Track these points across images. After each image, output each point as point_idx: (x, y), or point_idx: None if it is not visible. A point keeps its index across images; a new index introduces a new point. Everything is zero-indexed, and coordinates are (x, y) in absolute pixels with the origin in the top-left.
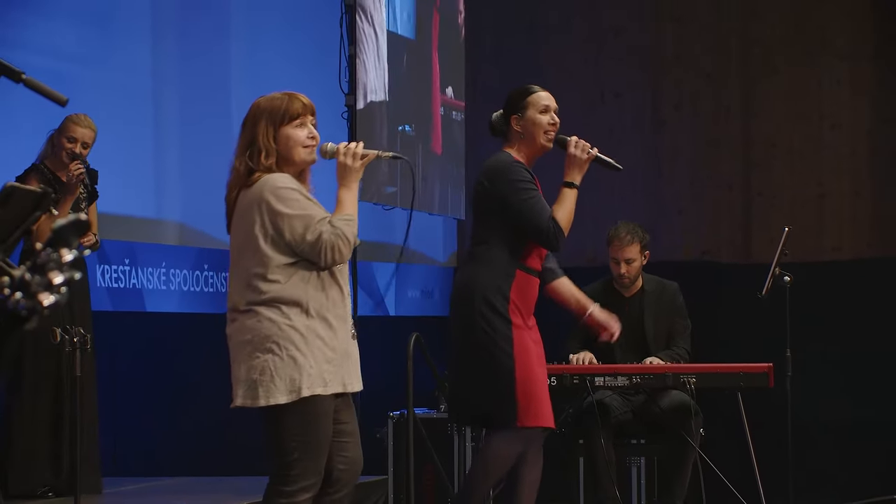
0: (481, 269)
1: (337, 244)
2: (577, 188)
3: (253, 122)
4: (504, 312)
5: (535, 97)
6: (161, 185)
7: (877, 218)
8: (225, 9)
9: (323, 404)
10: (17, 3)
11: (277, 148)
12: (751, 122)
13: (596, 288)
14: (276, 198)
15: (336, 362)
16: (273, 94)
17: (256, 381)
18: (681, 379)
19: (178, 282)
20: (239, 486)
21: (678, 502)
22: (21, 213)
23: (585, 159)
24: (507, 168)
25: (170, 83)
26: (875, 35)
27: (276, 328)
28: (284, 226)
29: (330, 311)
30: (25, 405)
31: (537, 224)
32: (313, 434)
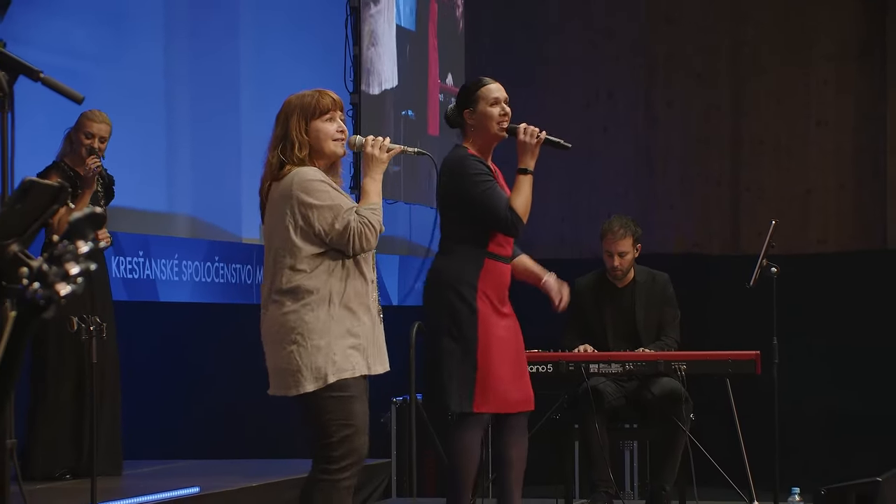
0: (449, 260)
1: (364, 232)
2: (532, 173)
3: (285, 117)
4: (471, 301)
5: (486, 90)
6: (173, 179)
7: (860, 212)
8: (234, 9)
9: (352, 387)
10: (34, 4)
11: (309, 141)
12: (740, 120)
13: (589, 279)
14: (305, 190)
15: (361, 348)
16: (304, 91)
17: (285, 371)
18: (672, 366)
19: (190, 273)
20: (251, 468)
21: (669, 484)
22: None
23: (535, 143)
24: (462, 163)
25: (181, 81)
26: (859, 37)
27: (299, 320)
28: (314, 217)
29: (353, 301)
30: (49, 391)
31: (495, 213)
32: (351, 416)
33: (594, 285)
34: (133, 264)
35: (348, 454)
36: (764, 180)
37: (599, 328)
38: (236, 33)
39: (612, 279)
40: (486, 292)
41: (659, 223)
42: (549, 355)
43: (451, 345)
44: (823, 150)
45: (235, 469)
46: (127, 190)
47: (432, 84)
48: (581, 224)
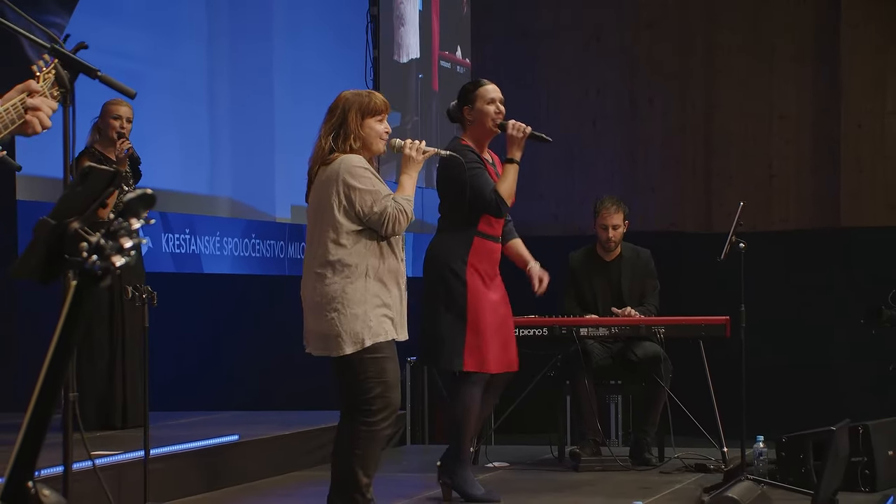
0: (444, 238)
1: (398, 217)
2: (518, 163)
3: (343, 110)
4: (462, 275)
5: (483, 90)
6: (215, 166)
7: (817, 195)
8: (268, 14)
9: (386, 349)
10: (94, 11)
11: (362, 137)
12: (711, 114)
13: (581, 253)
14: (351, 174)
15: (391, 316)
16: (358, 90)
17: (327, 336)
18: (652, 330)
19: (230, 248)
20: (284, 418)
21: (650, 434)
22: (97, 189)
23: (521, 137)
24: (459, 152)
25: (222, 80)
26: (816, 41)
27: (339, 290)
28: (356, 198)
29: (386, 275)
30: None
31: (482, 195)
32: (384, 373)
33: (585, 258)
34: (180, 240)
35: (384, 407)
36: (732, 167)
37: (590, 295)
38: (270, 36)
39: (601, 253)
40: (476, 267)
41: (641, 205)
42: (545, 320)
43: (444, 313)
44: (785, 141)
45: (270, 419)
46: (175, 175)
47: (435, 52)
48: (573, 205)
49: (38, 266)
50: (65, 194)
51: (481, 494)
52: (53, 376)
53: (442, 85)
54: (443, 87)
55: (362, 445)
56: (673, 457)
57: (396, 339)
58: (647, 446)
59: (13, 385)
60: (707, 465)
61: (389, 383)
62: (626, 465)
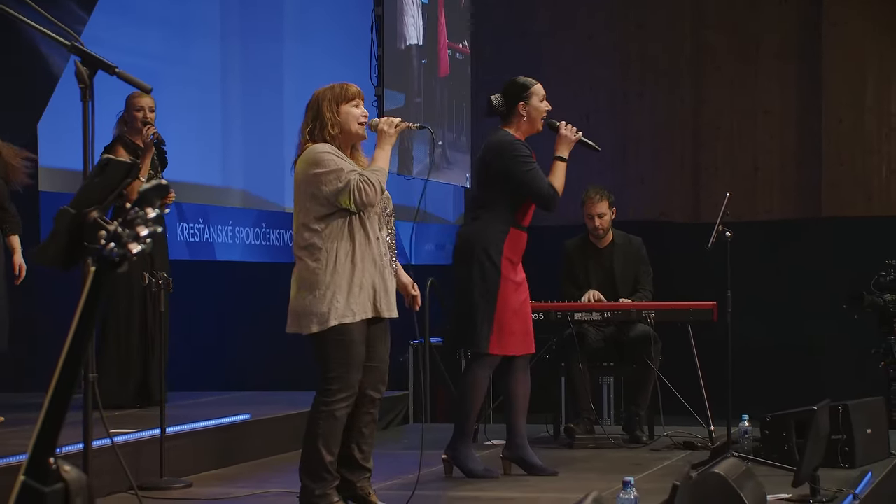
0: (483, 226)
1: (363, 187)
2: (567, 161)
3: (317, 103)
4: (497, 262)
5: (537, 88)
6: (228, 159)
7: (799, 187)
8: (279, 14)
9: (352, 332)
10: (113, 11)
11: (340, 123)
12: (699, 110)
13: (576, 241)
14: (314, 160)
15: (364, 296)
16: (331, 84)
17: (299, 315)
18: (643, 314)
19: (242, 237)
20: (291, 398)
21: (641, 413)
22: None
23: (574, 139)
24: (510, 145)
25: (234, 77)
26: (799, 40)
27: (311, 273)
28: (322, 180)
29: (359, 256)
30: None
31: (539, 190)
32: (346, 355)
33: (580, 245)
34: (194, 230)
35: (342, 388)
36: (719, 160)
37: (584, 281)
38: (280, 34)
39: (594, 240)
40: (508, 256)
41: (632, 196)
42: (541, 305)
43: (477, 296)
44: (769, 136)
45: (279, 399)
46: (189, 168)
47: (441, 42)
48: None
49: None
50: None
51: (481, 470)
52: (73, 358)
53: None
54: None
55: (322, 424)
56: (662, 435)
57: (380, 316)
58: (637, 425)
59: (35, 366)
60: (695, 442)
61: (350, 364)
62: (618, 443)
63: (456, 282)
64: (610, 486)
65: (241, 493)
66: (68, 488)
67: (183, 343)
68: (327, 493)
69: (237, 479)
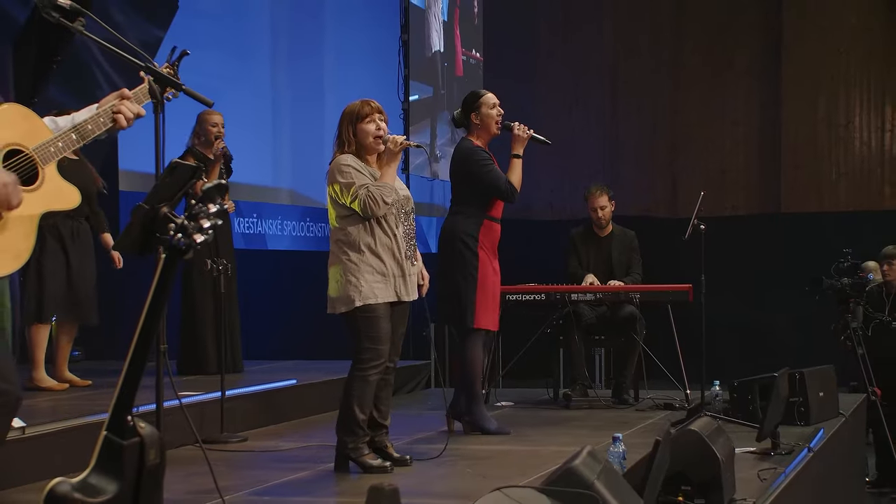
0: (459, 219)
1: (368, 203)
2: (521, 158)
3: (341, 121)
4: (473, 249)
5: (486, 98)
6: (277, 163)
7: (762, 187)
8: (320, 38)
9: (376, 310)
10: (179, 38)
11: (356, 138)
12: (677, 119)
13: (580, 230)
14: (338, 171)
15: (385, 281)
16: (354, 101)
17: (333, 298)
18: (629, 296)
19: (290, 229)
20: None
21: (628, 379)
22: (182, 180)
23: (525, 137)
24: (469, 151)
25: (283, 92)
26: (762, 60)
27: (341, 263)
28: (340, 190)
29: (380, 248)
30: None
31: (498, 186)
32: (374, 330)
33: (584, 233)
34: (249, 223)
35: (373, 357)
36: (694, 163)
37: (586, 263)
38: (321, 55)
39: (596, 230)
40: (484, 243)
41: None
42: (543, 287)
43: (459, 280)
44: (736, 142)
45: (320, 367)
46: (245, 171)
47: (458, 50)
48: (566, 194)
49: (135, 242)
50: (156, 185)
51: (494, 428)
52: (147, 331)
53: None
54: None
55: (356, 387)
56: (646, 398)
57: (399, 300)
58: (625, 389)
59: (114, 337)
60: (673, 404)
61: (378, 338)
62: (608, 405)
63: (439, 267)
64: (601, 441)
65: (288, 446)
66: (143, 442)
67: (241, 318)
68: (359, 446)
69: (284, 434)
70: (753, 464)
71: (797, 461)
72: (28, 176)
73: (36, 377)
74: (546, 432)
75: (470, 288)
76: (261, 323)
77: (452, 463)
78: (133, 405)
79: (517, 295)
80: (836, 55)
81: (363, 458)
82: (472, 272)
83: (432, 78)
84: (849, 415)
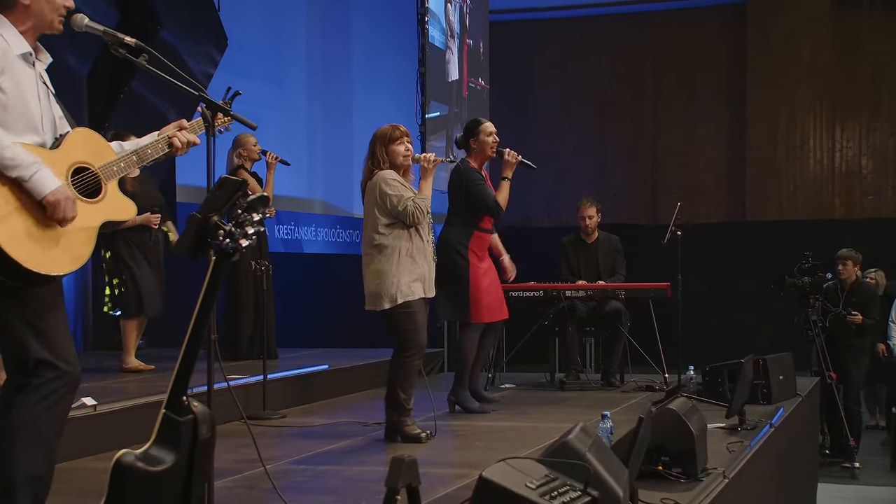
0: (453, 229)
1: (415, 212)
2: (510, 180)
3: (373, 142)
4: (465, 255)
5: (484, 126)
6: (311, 178)
7: (729, 199)
8: (349, 72)
9: (413, 305)
10: (227, 69)
11: (388, 158)
12: (657, 140)
13: (571, 237)
14: (385, 183)
15: (419, 282)
16: (384, 125)
17: (374, 295)
18: (616, 292)
19: (322, 235)
20: (361, 353)
21: (614, 365)
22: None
23: (514, 162)
24: (465, 171)
25: (316, 118)
26: (729, 90)
27: (381, 265)
28: (388, 199)
29: (414, 253)
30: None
31: (486, 204)
32: (413, 323)
33: (574, 240)
34: (288, 230)
35: (413, 346)
36: (672, 178)
37: (576, 266)
38: (351, 86)
39: (584, 237)
40: (474, 250)
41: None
42: (541, 285)
43: (452, 282)
44: (707, 161)
45: (349, 354)
46: (283, 184)
47: (465, 77)
48: (561, 205)
49: (189, 246)
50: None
51: (476, 407)
52: (200, 323)
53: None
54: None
55: (400, 372)
56: (630, 381)
57: (426, 296)
58: (612, 373)
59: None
60: (654, 386)
61: (416, 329)
62: (597, 387)
63: (437, 272)
64: (592, 418)
65: (321, 422)
66: (196, 418)
67: (279, 312)
68: (404, 420)
69: (318, 412)
70: (723, 437)
71: (760, 435)
72: (92, 190)
73: (126, 360)
74: (544, 411)
75: (463, 289)
76: (296, 316)
77: (464, 437)
78: (188, 387)
79: (519, 292)
80: (793, 86)
81: (406, 428)
82: (464, 275)
83: (448, 99)
84: (805, 395)
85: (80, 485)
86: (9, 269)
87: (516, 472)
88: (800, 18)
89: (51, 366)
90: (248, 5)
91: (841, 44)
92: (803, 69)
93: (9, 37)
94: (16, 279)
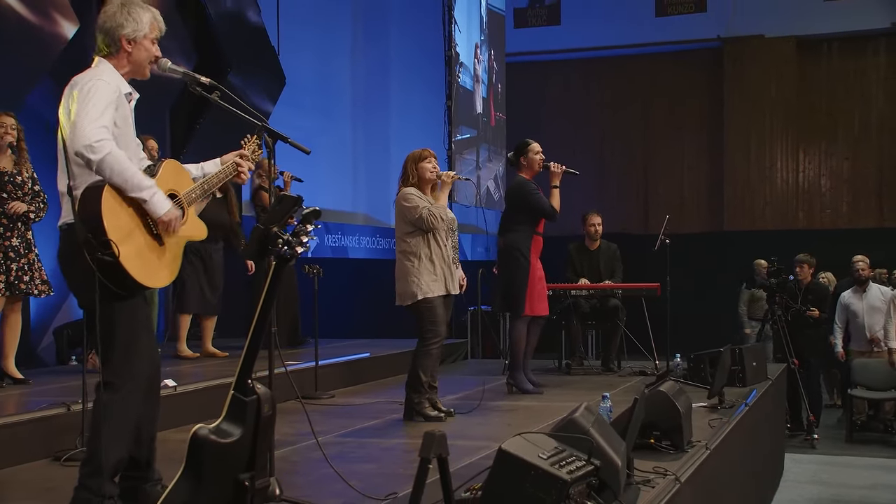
0: (517, 235)
1: (429, 218)
2: (559, 188)
3: (406, 162)
4: (527, 257)
5: (533, 146)
6: (355, 194)
7: (710, 212)
8: (387, 103)
9: (433, 300)
10: (287, 104)
11: (418, 173)
12: (648, 165)
13: (576, 244)
14: (404, 199)
15: (438, 280)
16: (416, 149)
17: (401, 293)
18: (614, 292)
19: (365, 243)
20: (398, 343)
21: (613, 353)
22: (287, 207)
23: (559, 172)
24: (522, 184)
25: (359, 142)
26: (709, 121)
27: (406, 268)
28: (408, 211)
29: (434, 257)
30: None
31: (545, 209)
32: (433, 315)
33: (579, 246)
34: (335, 239)
35: (434, 336)
36: (661, 195)
37: (580, 269)
38: (388, 115)
39: (588, 244)
40: (533, 251)
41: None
42: (552, 285)
43: (514, 279)
44: (690, 183)
45: (387, 344)
46: (331, 200)
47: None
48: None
49: (254, 252)
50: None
51: (530, 389)
52: (263, 317)
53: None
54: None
55: (422, 358)
56: (626, 367)
57: (448, 293)
58: (610, 360)
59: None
60: (646, 371)
61: (436, 321)
62: (598, 372)
63: (501, 270)
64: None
65: (363, 401)
66: (259, 399)
67: (329, 308)
68: (422, 401)
69: (361, 393)
70: (705, 415)
71: (737, 413)
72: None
73: (179, 348)
74: (553, 392)
75: (522, 286)
76: (343, 311)
77: (485, 414)
78: (252, 371)
79: None
80: (763, 118)
81: (424, 409)
82: (524, 275)
83: (476, 126)
84: (774, 379)
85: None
86: (122, 281)
87: (530, 444)
88: (769, 61)
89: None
90: (301, 48)
91: (804, 83)
92: (772, 104)
93: (116, 78)
94: (124, 288)
